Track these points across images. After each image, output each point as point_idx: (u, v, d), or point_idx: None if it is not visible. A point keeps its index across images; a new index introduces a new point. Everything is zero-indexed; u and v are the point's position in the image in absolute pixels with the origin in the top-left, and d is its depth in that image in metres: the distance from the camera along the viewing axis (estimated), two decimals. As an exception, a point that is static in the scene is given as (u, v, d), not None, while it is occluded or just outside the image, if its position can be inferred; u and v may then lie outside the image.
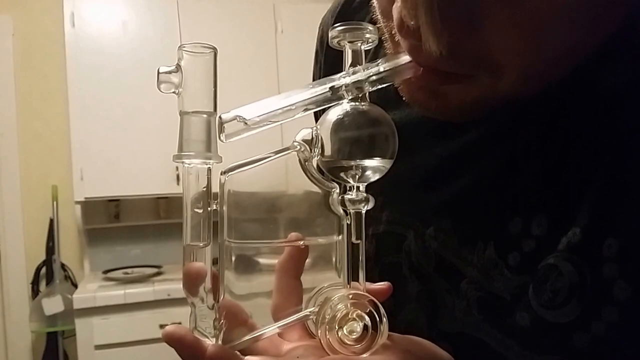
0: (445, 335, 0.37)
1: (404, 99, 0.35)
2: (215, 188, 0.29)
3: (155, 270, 2.52)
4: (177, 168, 2.42)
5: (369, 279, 0.32)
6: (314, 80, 0.55)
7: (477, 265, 0.36)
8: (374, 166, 0.30)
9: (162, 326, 2.22)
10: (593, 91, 0.33)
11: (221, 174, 0.30)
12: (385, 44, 0.34)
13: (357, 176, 0.30)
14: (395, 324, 0.30)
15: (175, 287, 2.27)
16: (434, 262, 0.39)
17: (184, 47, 0.27)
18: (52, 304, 2.36)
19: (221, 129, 0.27)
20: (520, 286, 0.33)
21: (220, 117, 0.27)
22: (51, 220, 2.56)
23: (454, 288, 0.37)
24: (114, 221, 2.68)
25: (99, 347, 2.19)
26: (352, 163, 0.30)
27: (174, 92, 0.27)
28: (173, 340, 0.28)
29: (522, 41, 0.27)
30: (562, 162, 0.33)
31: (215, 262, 0.30)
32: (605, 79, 0.32)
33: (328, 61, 0.51)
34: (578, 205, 0.31)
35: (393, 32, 0.32)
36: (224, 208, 0.29)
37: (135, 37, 2.45)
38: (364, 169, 0.30)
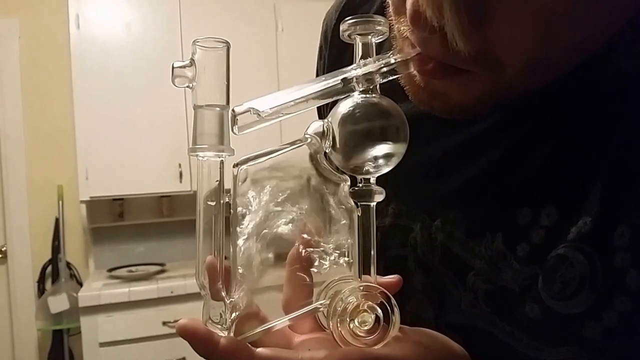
0: (453, 327, 0.37)
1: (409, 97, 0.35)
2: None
3: (159, 268, 2.53)
4: (179, 165, 2.44)
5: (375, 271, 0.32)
6: (317, 76, 0.55)
7: (485, 257, 0.35)
8: (385, 159, 0.30)
9: (165, 323, 2.24)
10: (603, 78, 0.32)
11: (234, 167, 0.30)
12: (393, 42, 0.34)
13: (367, 169, 0.30)
14: (402, 317, 0.30)
15: (178, 284, 2.28)
16: (439, 255, 0.38)
17: (198, 41, 0.27)
18: (58, 302, 2.37)
19: (234, 122, 0.28)
20: (530, 278, 0.33)
21: (233, 109, 0.28)
22: (57, 220, 2.57)
23: (461, 280, 0.37)
24: (118, 220, 2.69)
25: (103, 344, 2.19)
26: (363, 155, 0.30)
27: (187, 86, 0.28)
28: (186, 334, 0.28)
29: (530, 35, 0.27)
30: (571, 150, 0.33)
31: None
32: (617, 65, 0.32)
33: (332, 56, 0.51)
34: (588, 194, 0.31)
35: (401, 30, 0.32)
36: (237, 200, 0.30)
37: (139, 38, 2.47)
38: (375, 161, 0.30)
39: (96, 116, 2.40)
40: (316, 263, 0.32)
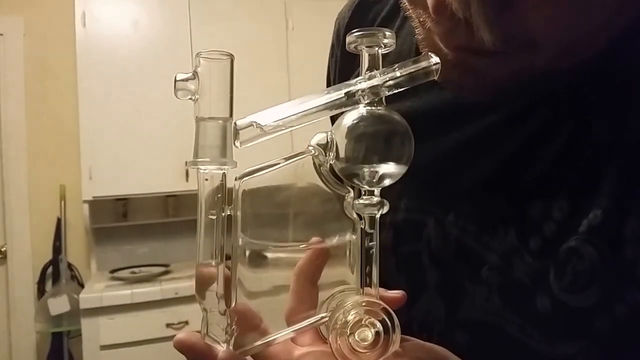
0: (464, 324, 0.37)
1: (437, 80, 0.34)
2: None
3: (162, 269, 2.52)
4: (186, 163, 2.42)
5: (386, 268, 0.31)
6: (328, 72, 0.55)
7: (498, 251, 0.35)
8: (389, 171, 0.30)
9: (169, 325, 2.23)
10: (615, 69, 0.32)
11: (235, 180, 0.30)
12: (417, 34, 0.34)
13: (371, 181, 0.30)
14: (412, 314, 0.29)
15: (183, 285, 2.27)
16: (454, 249, 0.38)
17: (201, 53, 0.27)
18: (58, 304, 2.35)
19: (236, 135, 0.27)
20: (541, 271, 0.33)
21: (235, 123, 0.27)
22: (58, 219, 2.57)
23: (475, 275, 0.37)
24: (121, 220, 2.68)
25: (104, 347, 2.18)
26: (367, 167, 0.29)
27: (190, 99, 0.27)
28: (184, 348, 0.28)
29: (559, 16, 0.27)
30: (582, 143, 0.33)
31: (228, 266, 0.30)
32: (631, 56, 0.32)
33: (344, 55, 0.51)
34: (599, 186, 0.31)
35: (422, 20, 0.31)
36: (238, 213, 0.29)
37: (146, 37, 2.46)
38: (379, 173, 0.30)
39: (101, 114, 2.40)
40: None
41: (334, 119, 0.50)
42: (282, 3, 2.64)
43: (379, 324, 0.29)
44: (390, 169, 0.30)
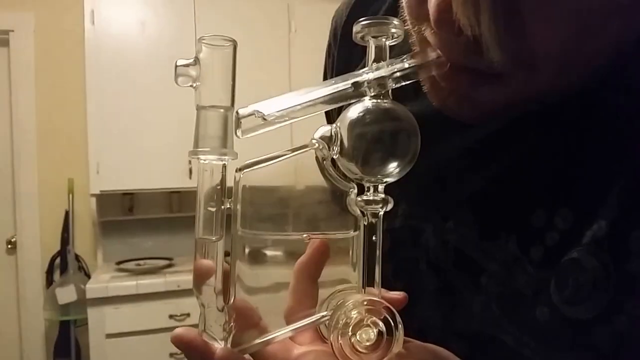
0: (460, 332, 0.36)
1: (434, 105, 0.33)
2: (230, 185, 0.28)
3: (166, 262, 2.55)
4: (189, 162, 2.45)
5: (382, 274, 0.30)
6: (324, 73, 0.54)
7: (499, 260, 0.34)
8: (394, 167, 0.29)
9: (171, 316, 2.27)
10: (623, 80, 0.31)
11: (236, 171, 0.29)
12: (412, 44, 0.33)
13: (376, 176, 0.29)
14: (408, 321, 0.28)
15: (185, 278, 2.31)
16: (453, 257, 0.37)
17: (203, 39, 0.26)
18: (66, 294, 2.39)
19: (238, 125, 0.26)
20: (542, 281, 0.32)
21: (237, 112, 0.26)
22: (66, 212, 2.60)
23: (474, 283, 0.36)
24: (127, 214, 2.71)
25: (110, 335, 2.22)
26: (372, 163, 0.28)
27: (191, 86, 0.26)
28: (182, 344, 0.28)
29: (563, 36, 0.26)
30: (588, 152, 0.32)
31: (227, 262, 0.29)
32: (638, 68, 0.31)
33: (341, 55, 0.50)
34: (605, 197, 0.30)
35: (421, 31, 0.30)
36: (238, 207, 0.29)
37: (153, 37, 2.49)
38: (384, 169, 0.29)
39: (108, 111, 2.43)
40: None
41: (329, 116, 0.50)
42: (285, 6, 2.64)
43: (381, 323, 0.28)
44: (395, 165, 0.29)
